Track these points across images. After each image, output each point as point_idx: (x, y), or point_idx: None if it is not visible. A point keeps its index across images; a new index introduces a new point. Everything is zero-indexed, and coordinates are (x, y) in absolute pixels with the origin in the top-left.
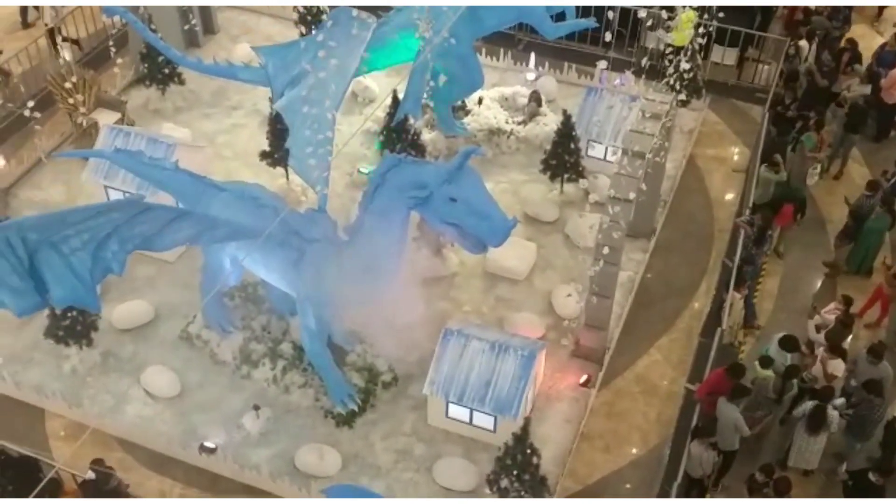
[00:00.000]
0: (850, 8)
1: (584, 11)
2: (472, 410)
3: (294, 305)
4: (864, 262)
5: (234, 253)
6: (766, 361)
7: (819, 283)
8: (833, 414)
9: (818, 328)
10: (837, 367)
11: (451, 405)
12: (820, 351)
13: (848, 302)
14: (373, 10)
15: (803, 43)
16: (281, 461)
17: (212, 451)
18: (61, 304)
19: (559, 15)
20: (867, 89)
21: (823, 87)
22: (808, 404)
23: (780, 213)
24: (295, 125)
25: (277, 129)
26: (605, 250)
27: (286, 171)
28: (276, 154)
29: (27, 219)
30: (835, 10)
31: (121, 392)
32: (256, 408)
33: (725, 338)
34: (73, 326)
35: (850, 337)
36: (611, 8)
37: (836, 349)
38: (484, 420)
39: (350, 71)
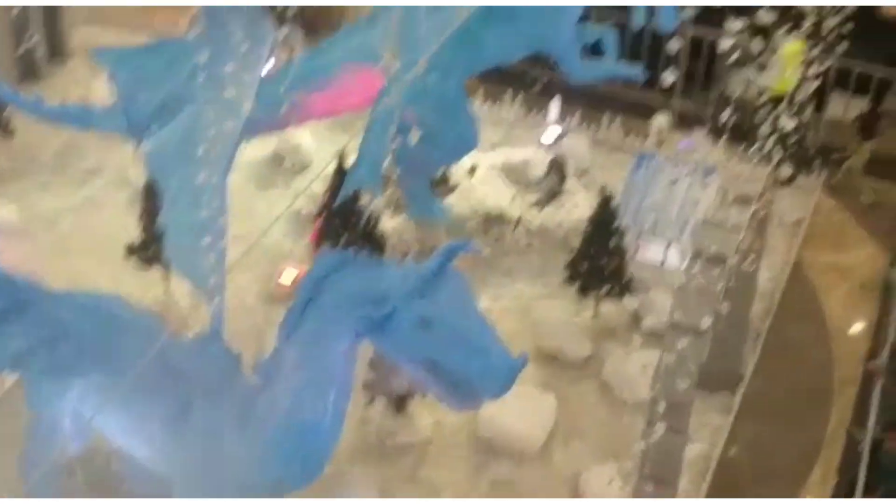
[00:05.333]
0: None
1: (633, 39)
2: None
3: (168, 490)
4: None
5: (77, 407)
6: None
7: None
8: None
9: None
10: None
11: None
12: None
13: None
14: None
15: None
16: None
17: None
18: None
19: (595, 45)
20: None
21: None
22: None
23: None
24: (170, 190)
25: (155, 207)
26: (664, 409)
27: (167, 274)
28: (152, 247)
29: None
30: None
31: None
32: None
33: None
34: None
35: None
36: (674, 34)
37: None
38: None
39: (244, 105)
